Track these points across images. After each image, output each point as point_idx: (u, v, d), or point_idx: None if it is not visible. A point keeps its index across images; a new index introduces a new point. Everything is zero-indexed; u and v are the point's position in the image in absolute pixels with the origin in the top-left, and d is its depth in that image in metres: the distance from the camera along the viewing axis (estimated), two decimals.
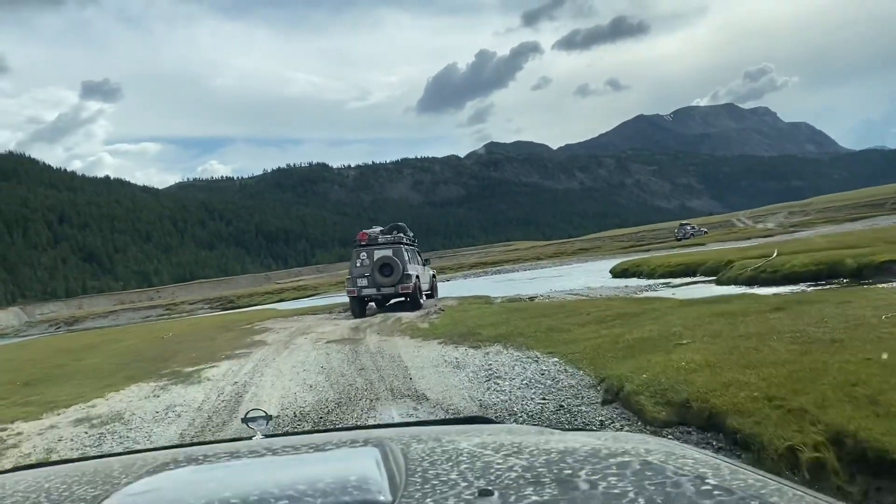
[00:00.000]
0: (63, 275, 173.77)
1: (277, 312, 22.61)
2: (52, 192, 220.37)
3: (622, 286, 21.57)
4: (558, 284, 25.74)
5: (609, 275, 29.42)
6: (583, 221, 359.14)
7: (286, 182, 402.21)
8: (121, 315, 64.66)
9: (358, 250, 19.68)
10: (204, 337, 14.75)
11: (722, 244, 43.61)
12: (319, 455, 1.25)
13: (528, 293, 21.37)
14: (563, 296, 18.58)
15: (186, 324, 21.72)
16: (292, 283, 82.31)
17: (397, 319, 14.83)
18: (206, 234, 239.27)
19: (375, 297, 19.38)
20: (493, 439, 1.22)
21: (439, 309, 15.93)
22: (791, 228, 57.85)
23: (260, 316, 20.88)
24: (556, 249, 78.87)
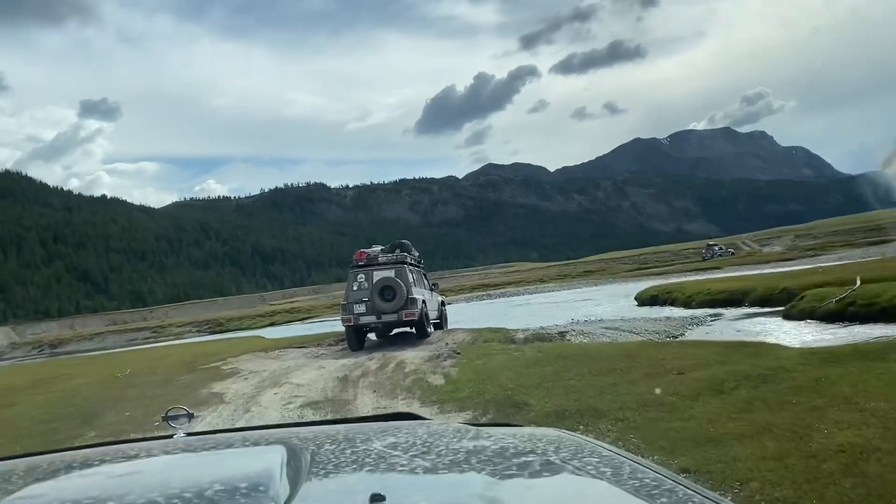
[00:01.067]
0: (56, 294, 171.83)
1: (260, 343, 20.22)
2: (48, 211, 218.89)
3: (662, 317, 19.04)
4: (581, 312, 23.56)
5: (634, 301, 27.20)
6: (580, 243, 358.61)
7: (283, 201, 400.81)
8: (107, 338, 63.03)
9: (355, 272, 16.96)
10: (159, 381, 12.35)
11: (740, 269, 41.37)
12: (223, 455, 1.20)
13: (551, 324, 19.19)
14: (600, 330, 15.80)
15: (154, 357, 19.11)
16: (286, 305, 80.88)
17: (399, 365, 11.69)
18: (202, 253, 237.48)
19: (375, 327, 16.70)
20: (407, 439, 1.21)
21: (453, 350, 12.54)
22: (808, 252, 55.06)
23: (239, 348, 18.43)
24: (559, 271, 77.54)
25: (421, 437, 1.22)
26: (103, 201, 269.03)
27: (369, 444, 1.16)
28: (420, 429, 1.31)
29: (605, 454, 1.10)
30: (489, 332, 15.97)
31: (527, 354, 10.18)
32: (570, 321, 19.84)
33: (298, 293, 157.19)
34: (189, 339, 42.25)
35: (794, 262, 42.36)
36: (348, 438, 1.23)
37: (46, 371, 17.56)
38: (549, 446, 1.14)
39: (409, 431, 1.28)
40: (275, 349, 17.01)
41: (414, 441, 1.18)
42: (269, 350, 16.92)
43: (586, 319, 19.90)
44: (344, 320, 16.42)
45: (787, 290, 18.23)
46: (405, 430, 1.30)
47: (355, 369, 11.56)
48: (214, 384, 10.81)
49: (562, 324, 19.06)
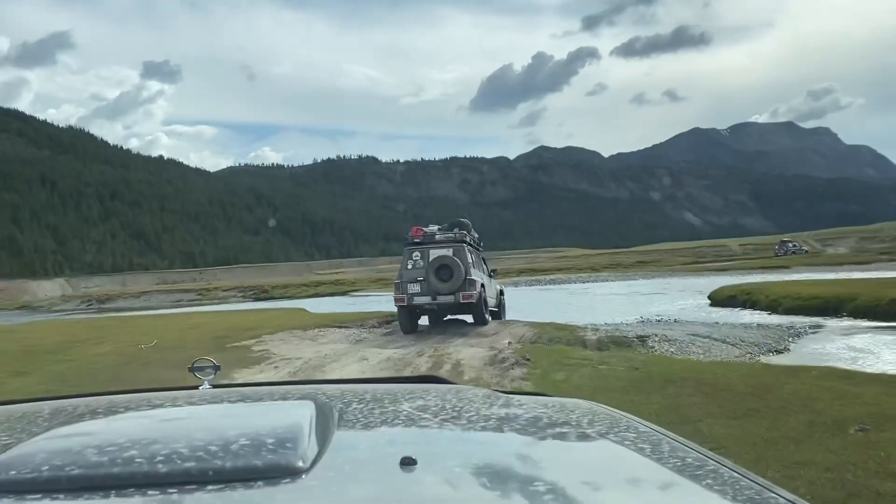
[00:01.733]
0: (111, 250, 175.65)
1: (301, 318, 18.94)
2: (107, 169, 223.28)
3: (751, 323, 16.44)
4: (648, 309, 21.45)
5: (706, 299, 24.84)
6: (630, 232, 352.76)
7: (335, 173, 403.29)
8: (153, 297, 63.27)
9: (410, 249, 15.79)
10: (181, 360, 10.60)
11: (812, 270, 38.03)
12: (250, 408, 1.23)
13: (619, 320, 17.42)
14: (685, 336, 13.17)
15: (188, 326, 17.89)
16: (332, 276, 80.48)
17: (456, 367, 9.90)
18: (253, 219, 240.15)
19: (430, 308, 15.56)
20: (437, 402, 1.20)
21: (521, 356, 9.98)
22: (882, 256, 50.39)
23: (277, 322, 17.32)
24: (611, 260, 75.12)
25: (450, 401, 1.22)
26: (160, 162, 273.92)
27: (398, 405, 1.16)
28: (449, 393, 1.31)
29: (642, 430, 1.07)
30: (553, 328, 14.00)
31: (618, 371, 8.19)
32: (640, 319, 18.16)
33: (344, 264, 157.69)
34: (232, 306, 41.63)
35: (869, 266, 39.34)
36: (376, 398, 1.23)
37: (79, 332, 16.63)
38: (584, 418, 1.13)
39: (437, 395, 1.28)
40: (314, 327, 15.85)
41: (443, 405, 1.19)
42: (308, 328, 15.70)
43: (659, 319, 18.06)
44: (397, 300, 15.38)
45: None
46: (434, 393, 1.30)
47: (403, 368, 10.33)
48: (239, 373, 9.75)
49: (631, 322, 17.37)
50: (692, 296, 27.27)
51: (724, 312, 20.60)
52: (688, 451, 0.94)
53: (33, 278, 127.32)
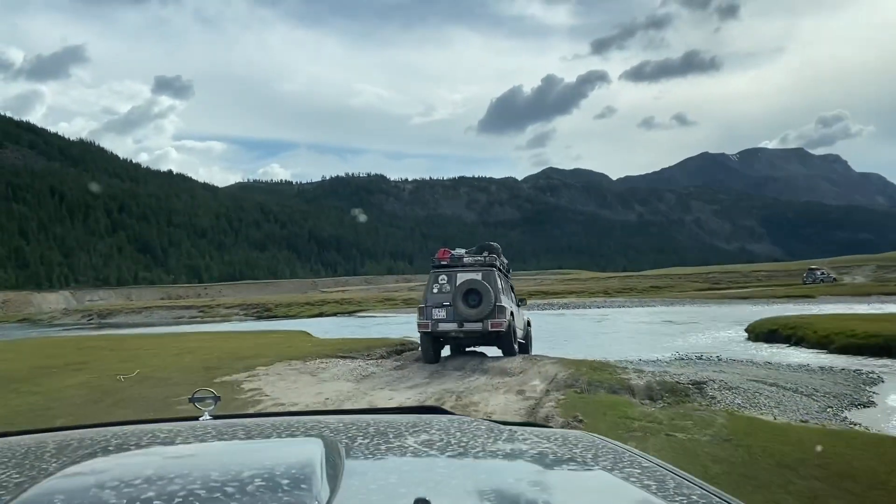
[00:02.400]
0: (117, 263, 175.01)
1: (302, 344, 17.49)
2: (116, 182, 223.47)
3: (811, 365, 14.34)
4: (682, 342, 19.79)
5: (741, 331, 22.73)
6: (638, 256, 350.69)
7: (343, 190, 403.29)
8: (155, 313, 62.15)
9: (436, 272, 14.80)
10: (157, 399, 9.62)
11: (839, 301, 36.11)
12: (260, 445, 1.21)
13: (654, 356, 15.73)
14: (745, 382, 11.36)
15: (179, 351, 16.21)
16: (337, 294, 79.14)
17: None
18: (260, 234, 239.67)
19: (455, 336, 14.50)
20: (441, 436, 1.18)
21: (572, 418, 7.84)
22: None
23: (276, 349, 15.93)
24: (623, 284, 73.54)
25: (454, 434, 1.20)
26: (169, 176, 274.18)
27: (403, 440, 1.14)
28: (451, 426, 1.29)
29: (646, 465, 1.07)
30: (588, 367, 11.92)
31: (703, 443, 6.25)
32: (678, 356, 16.36)
33: (350, 282, 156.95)
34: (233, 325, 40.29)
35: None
36: (380, 432, 1.20)
37: (62, 355, 15.24)
38: (587, 453, 1.13)
39: (441, 428, 1.25)
40: (315, 357, 14.34)
41: (448, 440, 1.16)
42: (309, 359, 14.15)
43: (700, 356, 16.17)
44: (420, 326, 14.33)
45: None
46: (436, 426, 1.27)
47: None
48: None
49: (670, 359, 15.56)
50: (724, 327, 25.50)
51: (769, 349, 18.62)
52: (693, 487, 0.92)
53: (39, 290, 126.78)
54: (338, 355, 14.63)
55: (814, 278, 65.59)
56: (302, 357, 14.22)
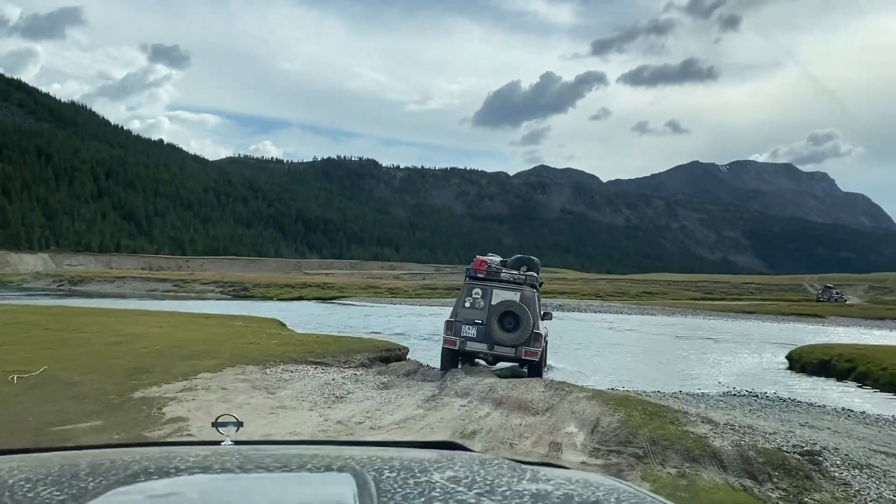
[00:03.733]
0: (100, 229, 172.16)
1: (268, 343, 14.25)
2: (105, 147, 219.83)
3: None
4: (719, 368, 17.83)
5: (778, 357, 20.27)
6: (623, 258, 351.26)
7: (334, 173, 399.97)
8: (129, 283, 59.89)
9: (471, 284, 13.72)
10: (28, 422, 7.42)
11: (854, 324, 34.25)
12: (293, 480, 1.22)
13: (698, 387, 13.80)
14: (881, 462, 7.65)
15: (120, 338, 13.53)
16: (320, 278, 77.24)
17: None
18: (247, 211, 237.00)
19: (483, 357, 13.58)
20: (466, 473, 1.18)
21: None
22: None
23: (236, 346, 13.27)
24: (614, 287, 72.24)
25: (479, 472, 1.20)
26: (159, 146, 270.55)
27: (429, 475, 1.15)
28: (474, 463, 1.30)
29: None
30: (641, 411, 8.73)
31: None
32: (726, 390, 13.95)
33: (336, 265, 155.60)
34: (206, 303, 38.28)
35: None
36: (405, 467, 1.21)
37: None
38: (611, 496, 1.15)
39: (464, 465, 1.26)
40: (280, 362, 11.84)
41: (473, 477, 1.17)
42: (271, 363, 11.63)
43: (755, 394, 13.58)
44: (446, 342, 13.42)
45: None
46: (459, 462, 1.28)
47: None
48: None
49: (716, 392, 13.33)
50: (754, 349, 23.03)
51: (832, 388, 15.87)
52: None
53: (17, 251, 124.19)
54: (308, 360, 12.22)
55: (829, 296, 65.13)
56: (263, 360, 11.85)
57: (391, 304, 47.37)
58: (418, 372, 12.69)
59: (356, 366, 12.45)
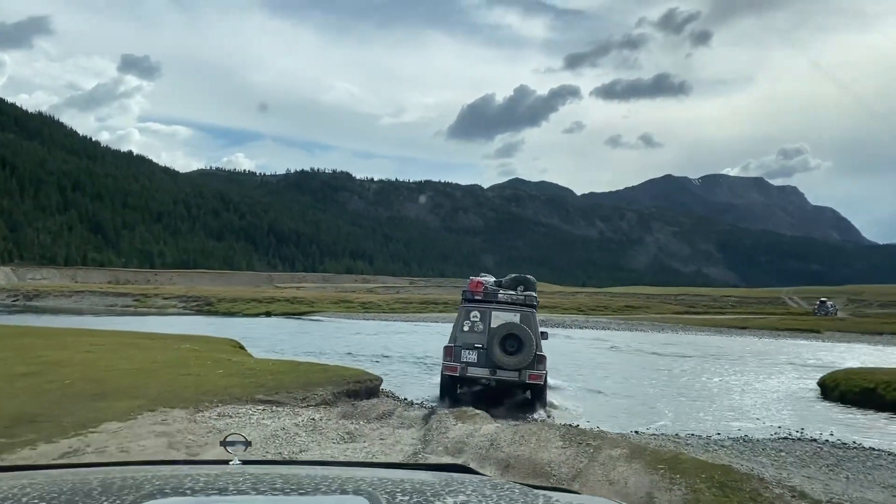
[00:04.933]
0: (66, 242, 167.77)
1: (211, 371, 12.07)
2: (72, 158, 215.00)
3: None
4: (747, 398, 15.84)
5: (809, 384, 18.41)
6: (597, 271, 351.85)
7: (307, 185, 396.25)
8: (87, 298, 56.91)
9: (468, 307, 13.22)
10: None
11: (853, 340, 32.67)
12: (307, 500, 1.19)
13: (739, 428, 12.02)
14: None
15: (35, 366, 11.33)
16: (291, 292, 74.62)
17: None
18: (218, 223, 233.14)
19: (484, 384, 13.06)
20: (478, 497, 1.16)
21: None
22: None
23: (169, 377, 11.10)
24: (595, 301, 70.54)
25: (490, 497, 1.18)
26: (128, 157, 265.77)
27: (441, 499, 1.12)
28: (486, 488, 1.28)
29: None
30: (700, 476, 6.45)
31: None
32: (779, 433, 11.92)
33: (308, 278, 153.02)
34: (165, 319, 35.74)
35: None
36: (417, 490, 1.19)
37: None
38: None
39: (475, 489, 1.24)
40: (218, 402, 9.42)
41: (486, 502, 1.15)
42: (207, 404, 9.26)
43: (826, 441, 11.34)
44: (446, 368, 12.96)
45: None
46: (471, 486, 1.26)
47: None
48: None
49: (765, 436, 11.40)
50: (771, 371, 20.94)
51: (888, 421, 13.85)
52: None
53: None
54: (256, 398, 9.87)
55: (826, 311, 65.05)
56: (197, 400, 9.45)
57: (364, 319, 45.10)
58: (394, 414, 10.24)
59: (317, 404, 10.17)
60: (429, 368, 19.31)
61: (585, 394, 16.33)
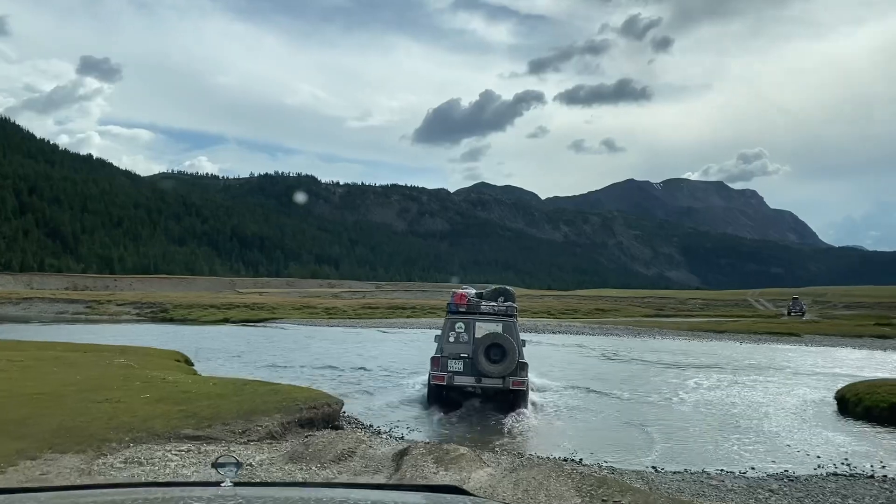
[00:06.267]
0: (21, 247, 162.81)
1: (134, 396, 10.29)
2: (28, 162, 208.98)
3: None
4: (763, 419, 14.15)
5: (819, 395, 17.10)
6: (562, 274, 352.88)
7: (271, 189, 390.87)
8: (36, 305, 54.14)
9: (453, 319, 14.15)
10: None
11: (834, 343, 32.06)
12: None
13: (788, 467, 10.09)
14: None
15: None
16: (252, 297, 72.39)
17: None
18: (180, 228, 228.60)
19: (470, 392, 13.80)
20: None
21: None
22: None
23: (79, 406, 9.21)
24: (564, 304, 69.51)
25: None
26: (88, 161, 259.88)
27: None
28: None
29: None
30: None
31: None
32: (828, 468, 10.13)
33: (271, 283, 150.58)
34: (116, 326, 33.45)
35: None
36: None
37: None
38: None
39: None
40: (130, 442, 7.54)
41: None
42: (113, 446, 7.31)
43: (885, 478, 9.52)
44: (434, 378, 13.71)
45: None
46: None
47: None
48: None
49: (812, 475, 9.56)
50: (776, 381, 19.32)
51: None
52: None
53: None
54: (183, 433, 7.85)
55: (799, 308, 64.11)
56: (103, 437, 7.50)
57: (328, 326, 43.34)
58: (356, 453, 8.11)
59: (260, 438, 8.19)
60: (396, 381, 17.78)
61: (584, 408, 14.99)
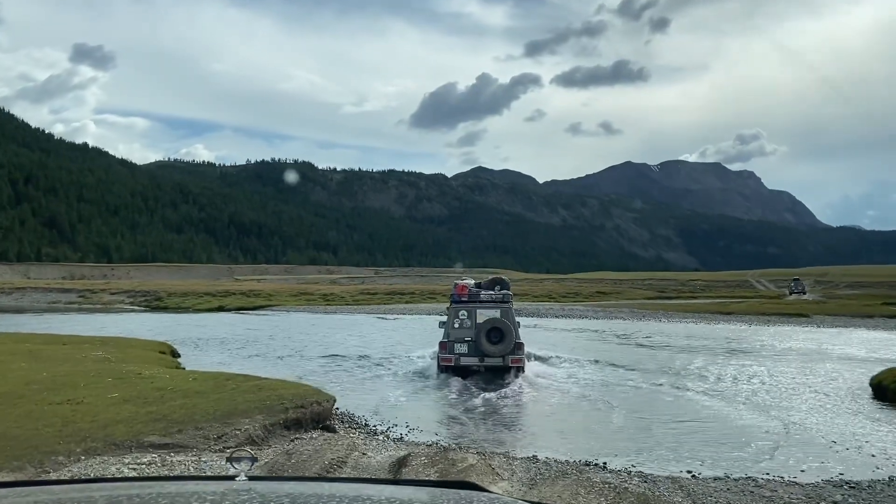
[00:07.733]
0: (18, 237, 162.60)
1: (105, 398, 9.35)
2: (24, 151, 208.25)
3: None
4: (802, 412, 12.98)
5: (850, 383, 16.18)
6: (560, 257, 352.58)
7: (268, 176, 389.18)
8: (29, 295, 53.64)
9: (456, 307, 16.13)
10: None
11: (842, 323, 30.98)
12: None
13: (826, 460, 9.40)
14: None
15: None
16: (249, 285, 71.75)
17: None
18: (177, 216, 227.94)
19: (475, 370, 15.45)
20: None
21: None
22: None
23: (40, 408, 8.42)
24: (566, 288, 68.79)
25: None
26: (84, 150, 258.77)
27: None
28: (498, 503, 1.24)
29: None
30: None
31: None
32: None
33: (270, 270, 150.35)
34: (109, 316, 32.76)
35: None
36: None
37: None
38: None
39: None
40: (83, 454, 6.55)
41: None
42: (63, 459, 6.29)
43: None
44: (442, 360, 15.75)
45: None
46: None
47: None
48: None
49: (877, 481, 8.16)
50: (802, 366, 18.66)
51: None
52: None
53: None
54: (147, 441, 6.83)
55: (801, 288, 64.46)
56: (54, 446, 6.60)
57: (325, 312, 42.62)
58: (348, 462, 7.10)
59: (237, 445, 7.03)
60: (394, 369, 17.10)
61: None
